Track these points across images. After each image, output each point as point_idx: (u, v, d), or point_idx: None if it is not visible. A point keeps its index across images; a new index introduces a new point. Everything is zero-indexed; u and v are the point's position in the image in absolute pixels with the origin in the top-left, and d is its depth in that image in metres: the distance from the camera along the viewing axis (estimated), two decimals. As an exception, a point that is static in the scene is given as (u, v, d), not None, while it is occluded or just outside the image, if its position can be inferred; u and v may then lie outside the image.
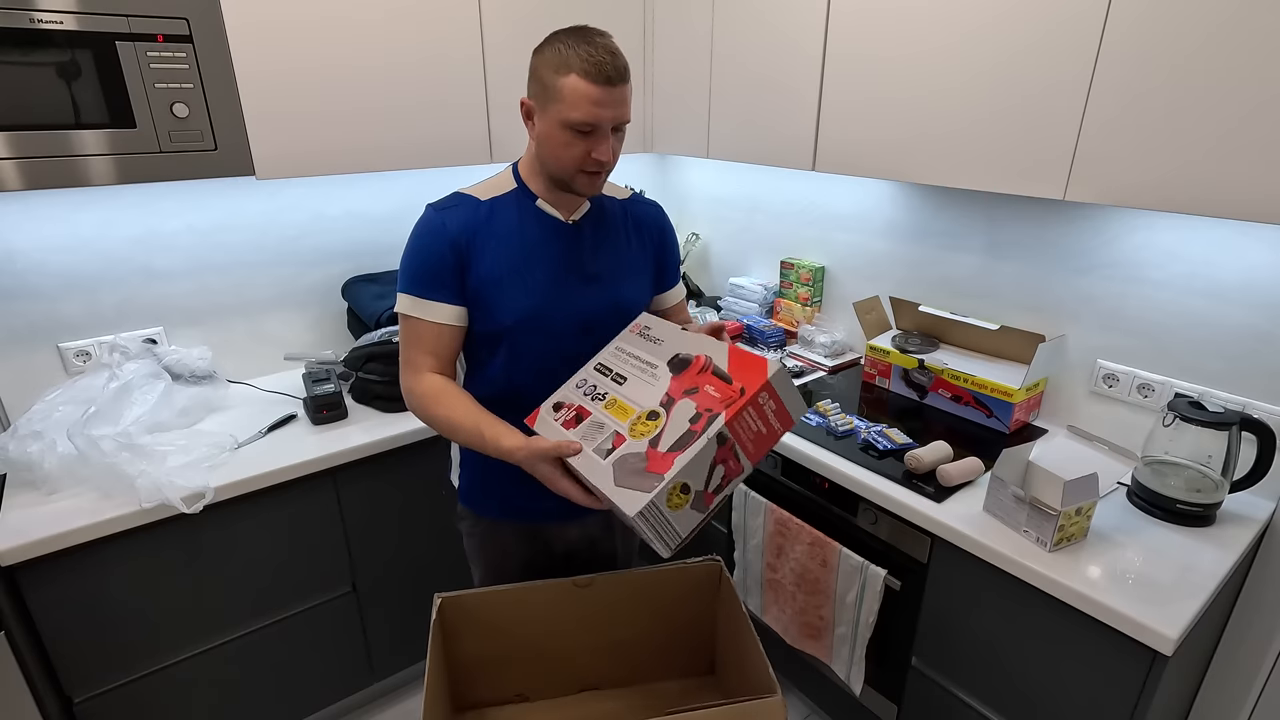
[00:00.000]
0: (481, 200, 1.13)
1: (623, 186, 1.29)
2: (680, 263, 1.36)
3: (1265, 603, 1.36)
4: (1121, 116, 1.13)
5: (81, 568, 1.30)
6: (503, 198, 1.15)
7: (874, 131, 1.49)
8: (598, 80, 1.00)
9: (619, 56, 1.02)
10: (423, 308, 1.11)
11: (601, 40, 1.02)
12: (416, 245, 1.12)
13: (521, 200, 1.15)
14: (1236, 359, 1.34)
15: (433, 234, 1.11)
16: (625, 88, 1.04)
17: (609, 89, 1.01)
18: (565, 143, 1.05)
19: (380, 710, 1.89)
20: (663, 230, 1.29)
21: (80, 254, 1.60)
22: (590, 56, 1.00)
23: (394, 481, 1.65)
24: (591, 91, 1.00)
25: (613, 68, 1.01)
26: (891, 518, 1.39)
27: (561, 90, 1.01)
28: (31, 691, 1.26)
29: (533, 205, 1.15)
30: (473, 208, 1.12)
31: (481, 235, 1.11)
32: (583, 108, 1.01)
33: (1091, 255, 1.51)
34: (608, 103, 1.02)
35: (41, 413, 1.41)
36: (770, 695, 1.03)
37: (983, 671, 1.32)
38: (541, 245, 1.14)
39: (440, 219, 1.11)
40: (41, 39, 1.18)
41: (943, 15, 1.32)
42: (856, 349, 2.04)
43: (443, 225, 1.10)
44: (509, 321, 1.12)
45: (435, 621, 1.15)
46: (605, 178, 1.13)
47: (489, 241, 1.11)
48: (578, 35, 1.02)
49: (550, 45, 1.04)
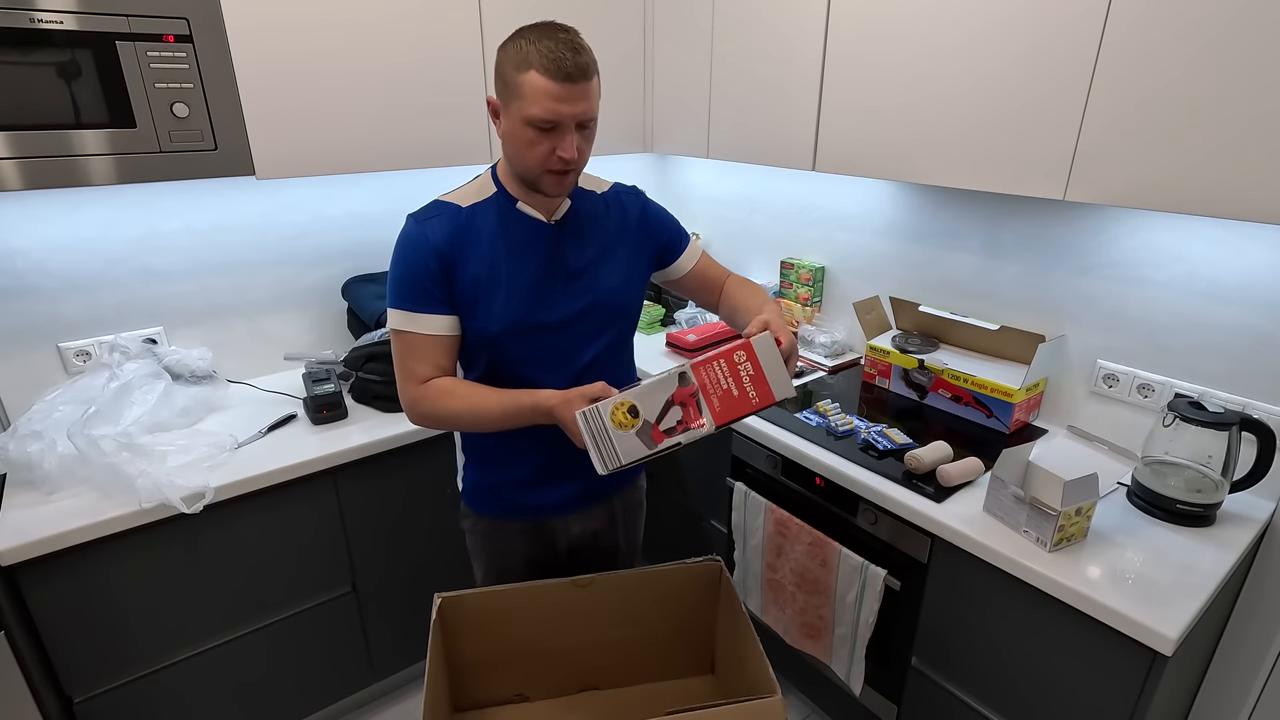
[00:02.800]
0: (462, 207, 1.13)
1: (603, 179, 1.27)
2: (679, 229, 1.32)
3: (1265, 603, 1.36)
4: (1121, 117, 1.13)
5: (81, 568, 1.30)
6: (483, 204, 1.13)
7: (874, 131, 1.49)
8: (556, 77, 0.98)
9: (582, 53, 1.00)
10: (415, 321, 1.11)
11: (564, 36, 1.01)
12: (402, 259, 1.11)
13: (502, 204, 1.14)
14: (1236, 359, 1.34)
15: (416, 246, 1.10)
16: (587, 84, 1.02)
17: (569, 85, 0.99)
18: (529, 141, 1.03)
19: (380, 710, 1.89)
20: (643, 208, 1.26)
21: (80, 254, 1.60)
22: (549, 53, 0.98)
23: (394, 481, 1.65)
24: (550, 88, 0.99)
25: (573, 64, 0.99)
26: (891, 518, 1.39)
27: (522, 87, 1.00)
28: (31, 691, 1.26)
29: (513, 208, 1.14)
30: (453, 215, 1.12)
31: (464, 243, 1.10)
32: (542, 104, 1.00)
33: (1091, 255, 1.51)
34: (568, 98, 1.00)
35: (41, 413, 1.41)
36: (770, 695, 1.03)
37: (983, 671, 1.32)
38: (524, 249, 1.13)
39: (421, 230, 1.10)
40: (41, 39, 1.18)
41: (943, 16, 1.32)
42: (856, 349, 2.04)
43: (424, 236, 1.09)
44: (495, 329, 1.12)
45: (435, 621, 1.15)
46: (574, 178, 1.11)
47: (471, 248, 1.11)
48: (540, 31, 1.01)
49: (513, 41, 1.03)
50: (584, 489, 1.28)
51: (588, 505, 1.32)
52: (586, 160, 1.09)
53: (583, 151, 1.07)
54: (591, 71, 1.02)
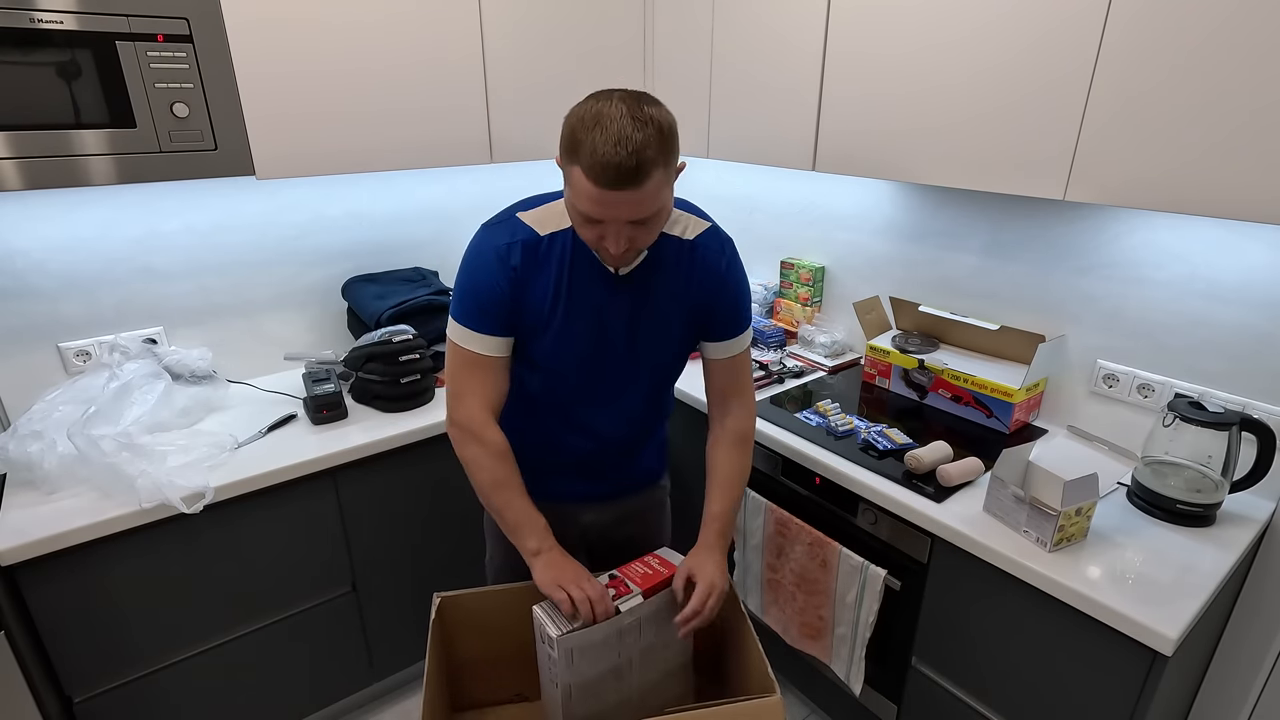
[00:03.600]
0: (542, 235, 1.08)
1: (700, 220, 1.15)
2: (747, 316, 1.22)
3: (1265, 603, 1.36)
4: (1122, 116, 1.13)
5: (81, 568, 1.30)
6: (560, 234, 1.08)
7: (874, 131, 1.49)
8: (600, 183, 0.89)
9: (640, 152, 0.87)
10: (476, 340, 1.09)
11: (623, 127, 0.87)
12: (474, 273, 1.07)
13: (575, 241, 1.08)
14: (1236, 359, 1.34)
15: (491, 268, 1.06)
16: (637, 190, 0.90)
17: (614, 192, 0.89)
18: (578, 223, 0.99)
19: (380, 710, 1.89)
20: (726, 271, 1.16)
21: (80, 254, 1.60)
22: (598, 151, 0.87)
23: (394, 481, 1.65)
24: (594, 193, 0.90)
25: (619, 172, 0.87)
26: (891, 518, 1.39)
27: (570, 175, 0.94)
28: (31, 691, 1.26)
29: (584, 247, 1.07)
30: (535, 243, 1.07)
31: (535, 268, 1.08)
32: (585, 204, 0.93)
33: (1091, 255, 1.51)
34: (613, 204, 0.91)
35: (41, 413, 1.41)
36: (770, 695, 1.03)
37: (983, 671, 1.32)
38: (585, 293, 1.09)
39: (506, 252, 1.06)
40: (42, 39, 1.17)
41: (943, 15, 1.32)
42: (856, 349, 2.04)
43: (503, 260, 1.06)
44: (541, 364, 1.14)
45: (435, 621, 1.15)
46: (631, 257, 1.05)
47: (540, 275, 1.08)
48: (600, 114, 0.89)
49: (575, 112, 0.93)
50: (599, 485, 1.31)
51: (601, 500, 1.34)
52: (650, 242, 1.02)
53: (638, 240, 0.98)
54: (648, 171, 0.89)
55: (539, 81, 1.80)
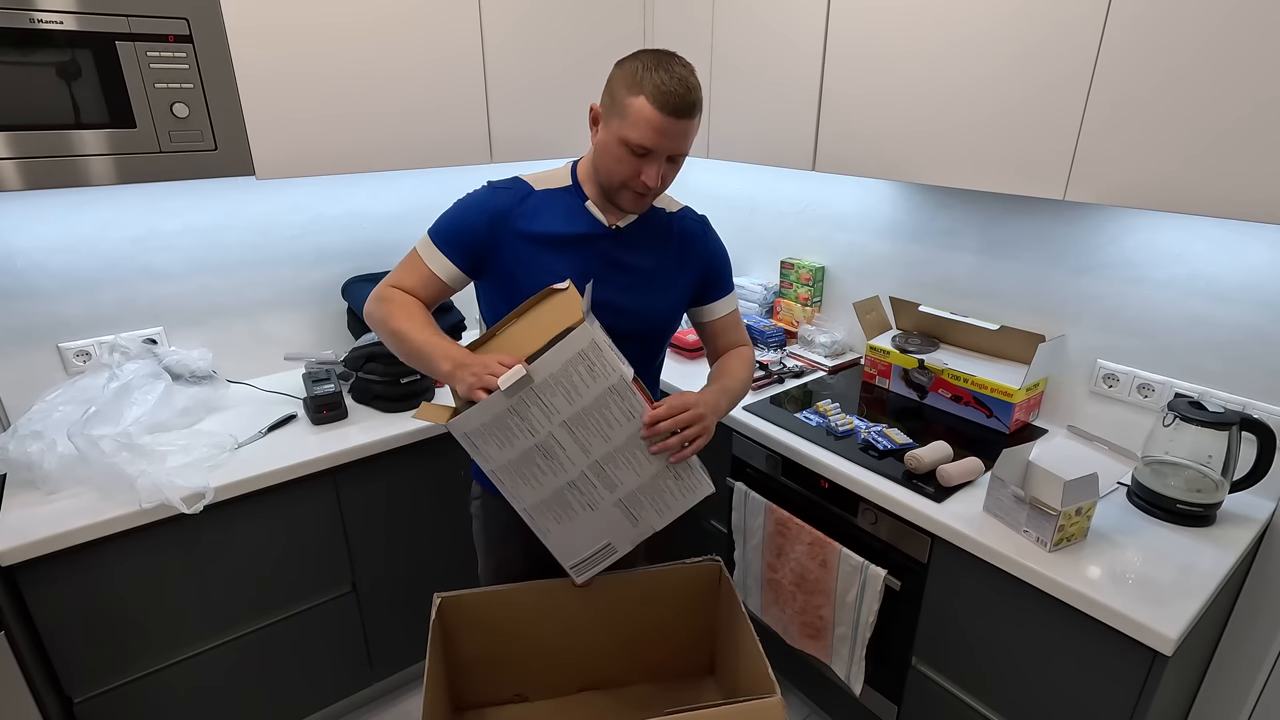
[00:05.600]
0: (535, 189, 1.19)
1: (675, 200, 1.32)
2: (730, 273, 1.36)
3: (1265, 603, 1.36)
4: (1122, 116, 1.13)
5: (81, 568, 1.30)
6: (555, 191, 1.19)
7: (874, 131, 1.49)
8: (664, 109, 1.03)
9: (694, 91, 1.05)
10: (433, 255, 1.18)
11: (681, 71, 1.05)
12: (460, 206, 1.19)
13: (571, 197, 1.19)
14: (1236, 359, 1.34)
15: (477, 204, 1.18)
16: (690, 122, 1.06)
17: (674, 120, 1.04)
18: (619, 158, 1.09)
19: (380, 710, 1.89)
20: (706, 238, 1.31)
21: (80, 254, 1.60)
22: (664, 84, 1.02)
23: (394, 481, 1.65)
24: (655, 118, 1.03)
25: (682, 101, 1.03)
26: (891, 518, 1.39)
27: (629, 108, 1.05)
28: (31, 691, 1.26)
29: (580, 204, 1.19)
30: (524, 194, 1.18)
31: (521, 217, 1.16)
32: (643, 130, 1.04)
33: (1091, 255, 1.51)
34: (669, 133, 1.05)
35: (41, 413, 1.41)
36: (770, 695, 1.03)
37: (983, 671, 1.32)
38: (579, 242, 1.18)
39: (492, 196, 1.18)
40: (41, 39, 1.18)
41: (943, 15, 1.32)
42: (856, 349, 2.04)
43: (489, 199, 1.17)
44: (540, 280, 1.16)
45: (435, 621, 1.16)
46: (650, 200, 1.16)
47: (527, 224, 1.16)
48: (660, 59, 1.05)
49: (631, 61, 1.07)
50: None
51: None
52: (668, 187, 1.15)
53: (666, 179, 1.12)
54: (697, 110, 1.07)
55: (539, 81, 1.80)
